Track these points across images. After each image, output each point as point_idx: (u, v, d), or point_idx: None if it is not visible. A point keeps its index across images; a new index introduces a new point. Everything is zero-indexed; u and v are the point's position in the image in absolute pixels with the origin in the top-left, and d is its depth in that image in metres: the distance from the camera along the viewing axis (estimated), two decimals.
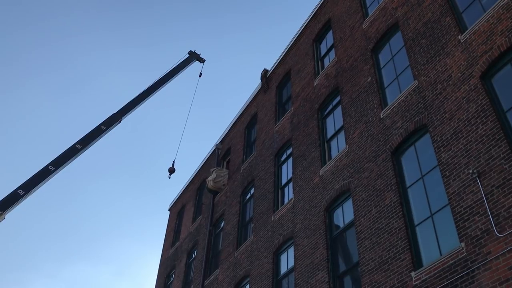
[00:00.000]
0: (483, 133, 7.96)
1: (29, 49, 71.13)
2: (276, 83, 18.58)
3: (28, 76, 72.11)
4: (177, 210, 25.12)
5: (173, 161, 25.72)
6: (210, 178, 19.62)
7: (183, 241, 21.87)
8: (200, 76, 30.02)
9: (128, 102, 23.17)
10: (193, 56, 28.97)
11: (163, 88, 25.53)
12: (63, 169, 19.67)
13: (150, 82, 25.09)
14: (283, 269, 12.79)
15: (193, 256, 20.22)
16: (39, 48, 71.97)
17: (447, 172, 8.35)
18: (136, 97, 23.73)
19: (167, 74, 26.04)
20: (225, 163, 21.65)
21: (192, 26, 79.53)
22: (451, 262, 7.48)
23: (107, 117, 22.11)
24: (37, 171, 18.75)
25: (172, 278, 21.72)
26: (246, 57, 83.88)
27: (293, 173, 14.10)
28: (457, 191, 7.97)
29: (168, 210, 26.70)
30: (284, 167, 15.42)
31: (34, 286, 71.09)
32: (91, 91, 73.77)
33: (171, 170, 25.13)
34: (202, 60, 29.69)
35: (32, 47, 71.41)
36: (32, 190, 18.07)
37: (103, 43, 74.94)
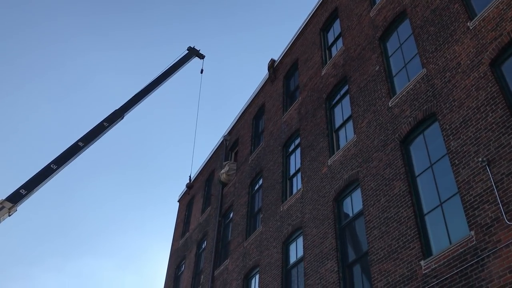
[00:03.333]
0: (493, 120, 7.89)
1: (27, 51, 71.53)
2: (283, 73, 18.51)
3: (26, 78, 72.57)
4: (186, 202, 25.26)
5: (190, 176, 25.19)
6: (223, 171, 19.79)
7: (193, 232, 22.03)
8: (201, 72, 29.81)
9: (130, 99, 23.26)
10: (193, 52, 28.80)
11: (165, 85, 25.48)
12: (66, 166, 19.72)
13: (150, 81, 25.03)
14: (292, 259, 12.84)
15: (203, 246, 20.36)
16: (37, 50, 72.33)
17: (456, 161, 8.31)
18: (137, 93, 23.77)
19: (167, 70, 25.96)
20: (233, 154, 21.70)
21: (192, 26, 79.35)
22: (461, 250, 7.46)
23: (109, 114, 22.19)
24: (40, 169, 18.80)
25: (182, 269, 21.92)
26: (251, 48, 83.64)
27: (301, 163, 14.10)
28: (466, 180, 7.93)
29: (178, 201, 26.87)
30: (292, 157, 15.42)
31: (40, 280, 72.14)
32: (90, 92, 74.11)
33: (190, 186, 24.64)
34: (201, 56, 29.52)
35: (30, 48, 71.75)
36: (35, 189, 18.14)
37: (102, 44, 75.21)
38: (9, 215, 17.69)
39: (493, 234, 7.05)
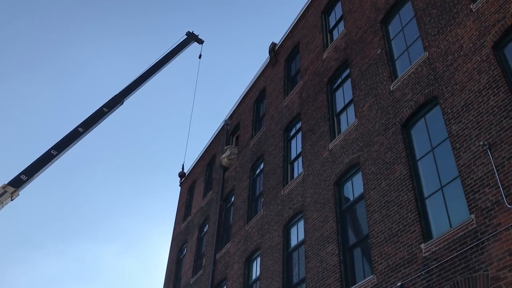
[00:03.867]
0: (495, 104, 7.86)
1: (26, 39, 71.14)
2: (284, 56, 18.40)
3: (26, 65, 72.30)
4: (188, 186, 25.37)
5: (183, 165, 25.25)
6: (224, 155, 19.83)
7: (195, 216, 22.17)
8: (199, 57, 29.61)
9: (129, 84, 23.21)
10: (192, 37, 28.58)
11: (166, 71, 25.49)
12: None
13: (149, 67, 24.95)
14: (293, 242, 12.94)
15: (205, 230, 20.51)
16: (35, 38, 71.96)
17: (457, 144, 8.30)
18: (137, 79, 23.72)
19: (166, 56, 25.84)
20: (234, 138, 21.70)
21: (191, 12, 78.54)
22: (461, 233, 7.51)
23: (108, 99, 22.13)
24: (40, 155, 18.80)
25: (184, 252, 22.11)
26: (252, 33, 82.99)
27: (302, 147, 14.11)
28: (467, 163, 7.94)
29: (179, 185, 26.98)
30: (293, 141, 15.42)
31: (42, 264, 72.91)
32: (88, 78, 73.88)
33: (182, 175, 24.71)
34: (200, 41, 29.28)
35: (28, 36, 71.39)
36: (35, 175, 18.19)
37: (100, 32, 74.74)
38: (12, 200, 17.80)
39: (493, 218, 7.08)
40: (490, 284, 6.70)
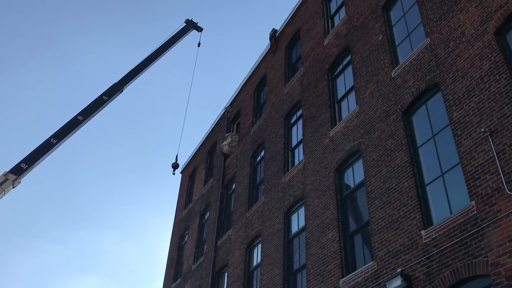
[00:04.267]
0: (496, 91, 7.83)
1: (25, 29, 70.68)
2: (285, 43, 18.30)
3: (26, 55, 71.95)
4: (189, 173, 25.42)
5: (176, 156, 25.09)
6: (225, 142, 19.81)
7: (196, 203, 22.25)
8: (198, 46, 29.21)
9: (128, 72, 23.09)
10: (190, 25, 28.24)
11: (168, 58, 25.29)
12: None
13: (148, 55, 24.81)
14: (294, 229, 13.00)
15: (206, 217, 20.60)
16: (34, 28, 71.51)
17: (458, 131, 8.29)
18: (136, 67, 23.58)
19: (164, 44, 25.62)
20: (235, 125, 21.68)
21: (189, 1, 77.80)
22: (461, 220, 7.53)
23: (108, 87, 22.03)
24: (39, 144, 18.77)
25: (185, 239, 22.24)
26: (252, 20, 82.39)
27: (303, 135, 14.10)
28: (468, 150, 7.93)
29: (180, 173, 27.04)
30: (294, 129, 15.41)
31: (43, 251, 73.45)
32: (87, 67, 73.62)
33: (175, 166, 24.55)
34: (199, 29, 28.89)
35: (27, 27, 70.93)
36: (35, 164, 18.18)
37: (98, 21, 74.15)
38: (14, 187, 17.85)
39: (493, 204, 7.10)
40: (490, 270, 6.75)
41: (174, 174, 24.90)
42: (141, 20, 76.91)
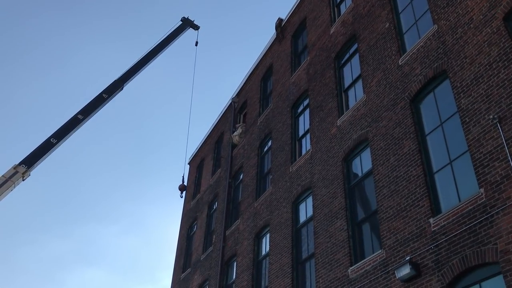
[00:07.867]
0: (505, 77, 7.75)
1: (25, 23, 70.66)
2: (291, 32, 18.19)
3: (24, 50, 72.00)
4: (197, 164, 25.50)
5: (183, 177, 24.40)
6: (236, 133, 19.80)
7: (204, 194, 22.35)
8: (196, 45, 28.69)
9: (127, 70, 23.08)
10: (187, 23, 27.85)
11: (170, 53, 25.17)
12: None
13: (145, 53, 24.66)
14: (302, 218, 13.04)
15: (214, 207, 20.70)
16: (32, 23, 71.42)
17: (467, 118, 8.23)
18: (134, 64, 23.56)
19: (160, 43, 25.41)
20: (241, 116, 21.67)
21: None
22: (470, 207, 7.51)
23: (108, 85, 22.01)
24: (40, 144, 18.79)
25: (194, 229, 22.39)
26: (258, 8, 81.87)
27: (310, 124, 14.07)
28: (477, 137, 7.89)
29: (188, 164, 27.14)
30: (301, 118, 15.38)
31: (49, 245, 74.32)
32: (84, 64, 73.61)
33: (182, 188, 24.15)
34: (196, 27, 28.37)
35: (27, 21, 70.88)
36: (35, 164, 18.26)
37: (95, 17, 74.01)
38: (23, 180, 18.01)
39: (502, 191, 7.07)
40: (499, 257, 6.74)
41: (182, 197, 24.34)
42: (138, 15, 76.68)
